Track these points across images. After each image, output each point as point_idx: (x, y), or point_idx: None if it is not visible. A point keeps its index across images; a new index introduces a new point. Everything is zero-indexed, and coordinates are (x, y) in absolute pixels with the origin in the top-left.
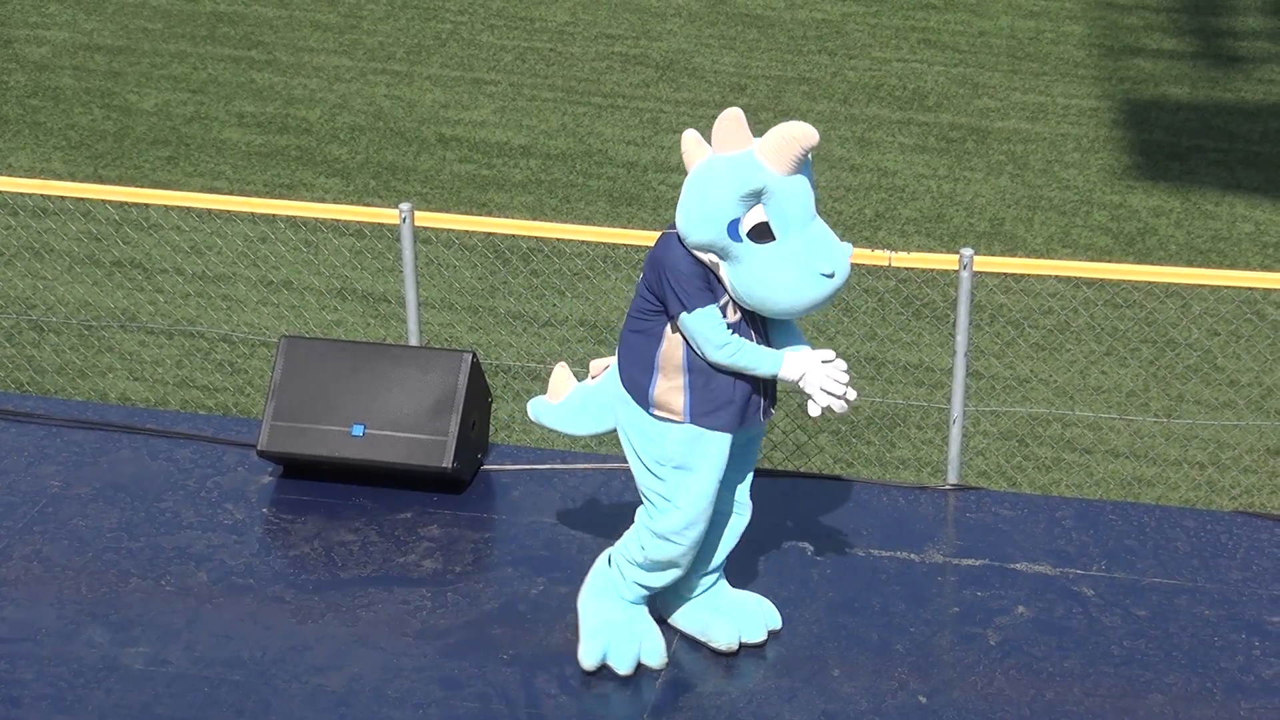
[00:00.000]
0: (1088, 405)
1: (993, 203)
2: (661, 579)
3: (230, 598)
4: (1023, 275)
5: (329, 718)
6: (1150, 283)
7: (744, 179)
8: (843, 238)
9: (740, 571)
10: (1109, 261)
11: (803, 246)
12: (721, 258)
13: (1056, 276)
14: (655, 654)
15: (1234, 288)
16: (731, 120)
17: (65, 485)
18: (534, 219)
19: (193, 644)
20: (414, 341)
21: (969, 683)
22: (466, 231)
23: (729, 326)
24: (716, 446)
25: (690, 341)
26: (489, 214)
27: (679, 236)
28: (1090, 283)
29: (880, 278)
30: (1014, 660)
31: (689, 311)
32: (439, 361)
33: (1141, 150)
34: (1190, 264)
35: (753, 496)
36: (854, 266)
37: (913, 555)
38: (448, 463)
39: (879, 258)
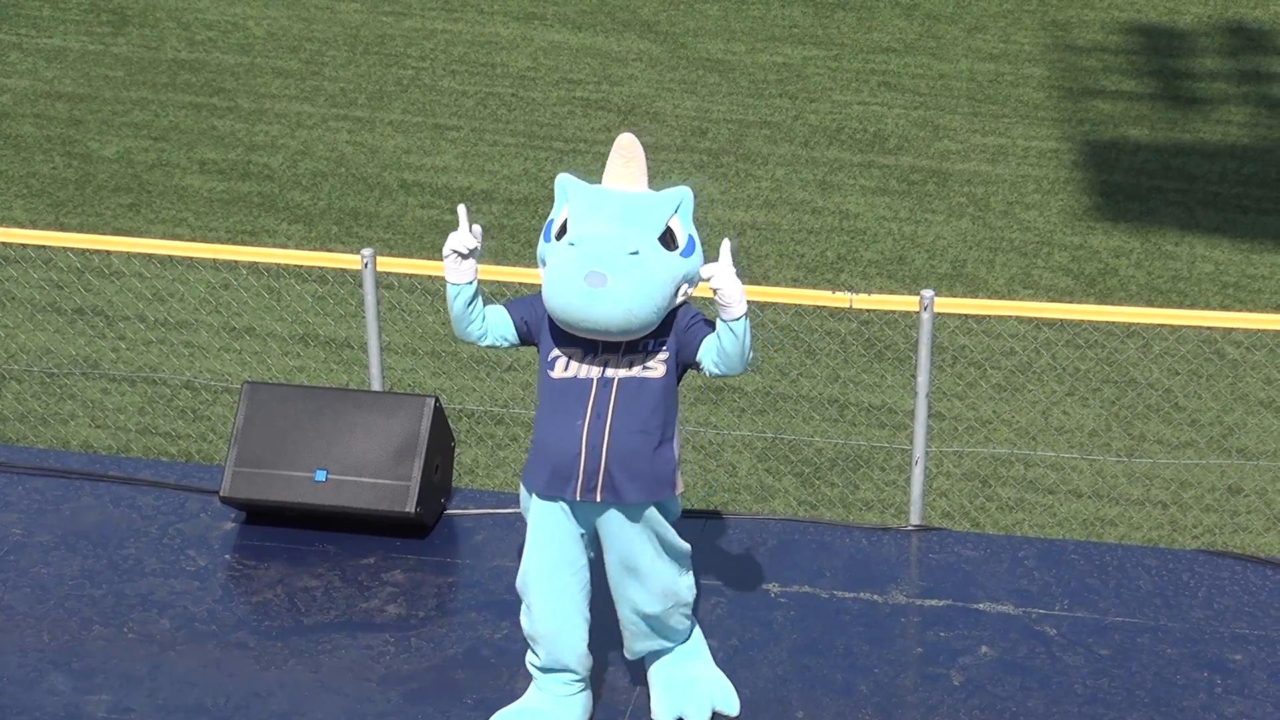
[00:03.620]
0: (1050, 445)
1: (954, 244)
2: (537, 650)
3: (193, 644)
4: (984, 316)
5: None
6: (1111, 323)
7: (558, 180)
8: (804, 280)
9: (703, 616)
10: (1070, 302)
11: (574, 251)
12: (543, 268)
13: (1018, 317)
14: None
15: (1194, 327)
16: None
17: (27, 533)
18: (496, 264)
19: (155, 691)
20: (376, 387)
21: None
22: (429, 276)
23: (554, 383)
24: (535, 508)
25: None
26: None
27: None
28: (1051, 323)
29: (842, 320)
30: (978, 700)
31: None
32: (402, 406)
33: (1102, 191)
34: (1150, 304)
35: (710, 538)
36: (816, 309)
37: (876, 596)
38: (411, 508)
39: (840, 300)
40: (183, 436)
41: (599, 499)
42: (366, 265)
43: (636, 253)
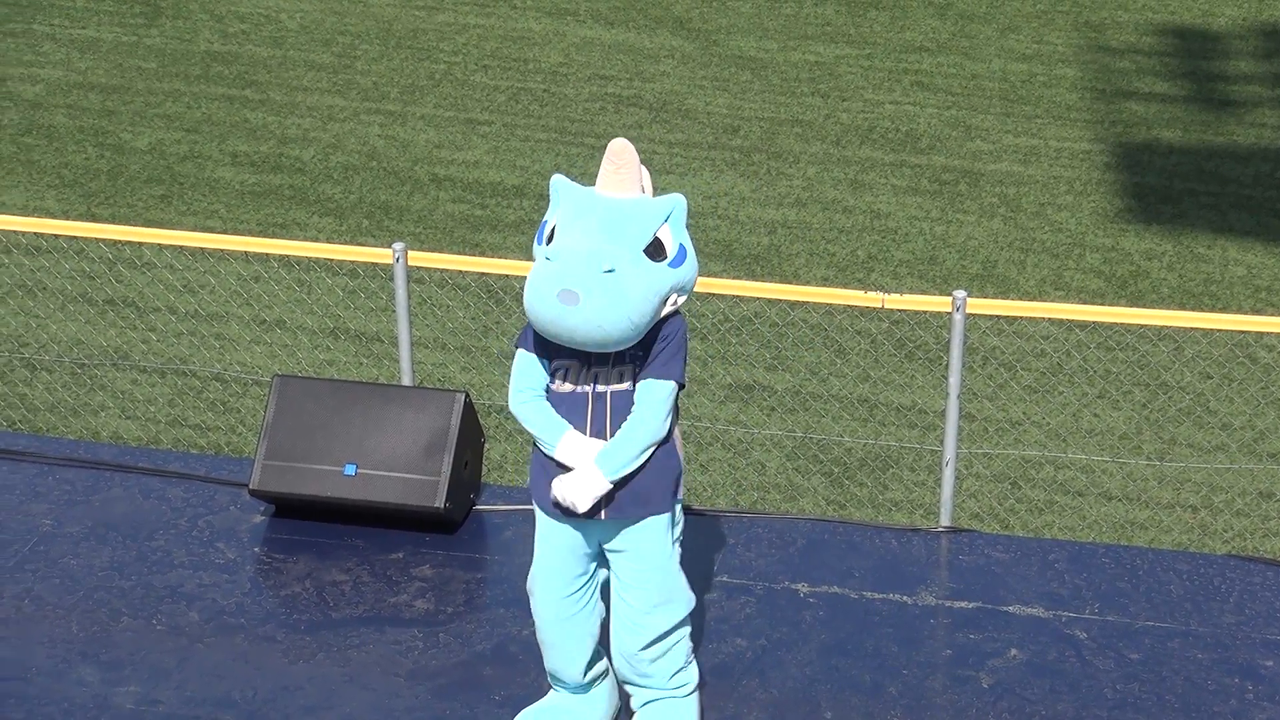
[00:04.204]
0: (1080, 448)
1: (985, 245)
2: (546, 658)
3: (221, 637)
4: (1015, 318)
5: None
6: (1143, 325)
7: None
8: (835, 279)
9: (732, 615)
10: (1101, 304)
11: (539, 272)
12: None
13: (1049, 319)
14: None
15: (1226, 331)
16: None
17: (57, 524)
18: (527, 260)
19: (184, 684)
20: (406, 381)
21: None
22: (459, 271)
23: (555, 397)
24: (539, 519)
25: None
26: (482, 254)
27: None
28: (1083, 325)
29: (873, 319)
30: (1007, 703)
31: (517, 348)
32: (432, 401)
33: (1134, 193)
34: (1182, 307)
35: (739, 537)
36: (847, 308)
37: (905, 598)
38: (440, 503)
39: (872, 299)
40: (212, 429)
41: (604, 517)
42: (398, 259)
43: (611, 270)
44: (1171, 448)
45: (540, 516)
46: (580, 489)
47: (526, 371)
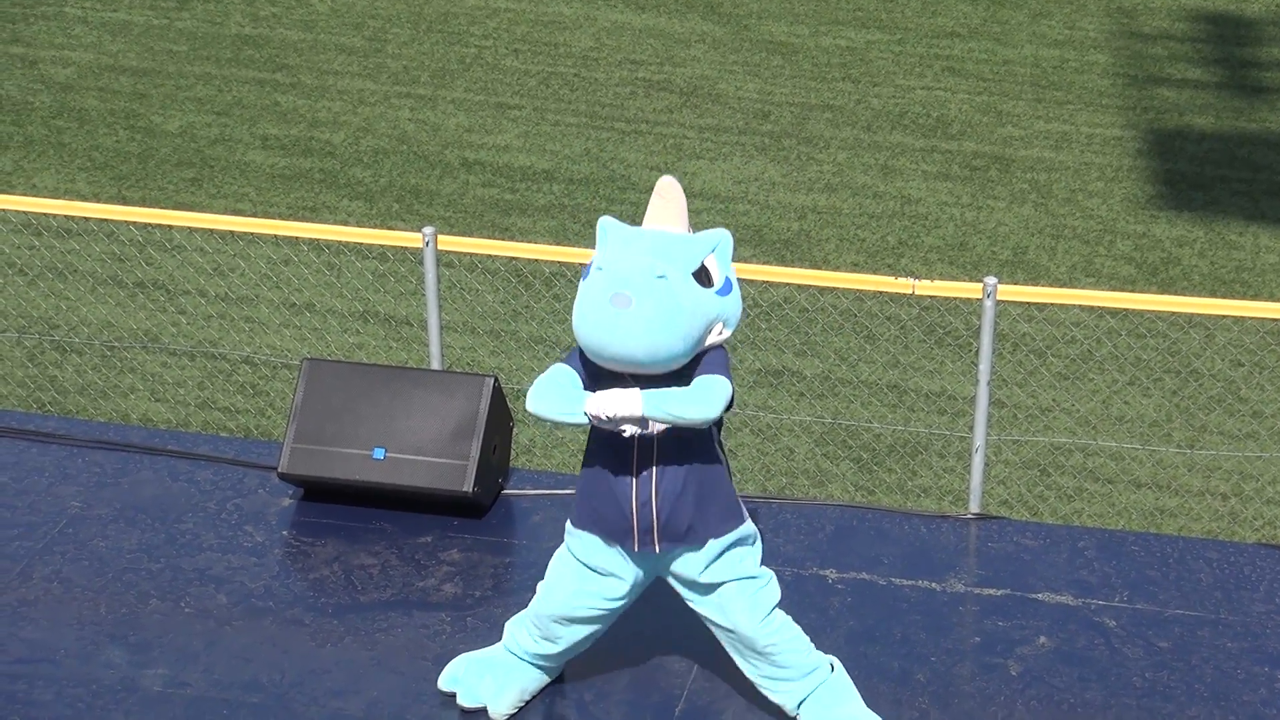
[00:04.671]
0: (1110, 435)
1: (1016, 231)
2: (533, 635)
3: (249, 620)
4: (1046, 304)
5: None
6: (1174, 313)
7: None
8: (865, 265)
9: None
10: (1132, 291)
11: (590, 283)
12: None
13: (1080, 306)
14: (500, 702)
15: (1258, 318)
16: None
17: (86, 506)
18: (557, 244)
19: (211, 666)
20: (435, 365)
21: (990, 713)
22: (489, 255)
23: (600, 431)
24: (573, 540)
25: None
26: (512, 238)
27: None
28: (1114, 312)
29: (903, 305)
30: (1035, 691)
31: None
32: (461, 385)
33: (1165, 180)
34: (1214, 294)
35: (767, 523)
36: (877, 294)
37: (934, 584)
38: (468, 487)
39: (902, 285)
40: (241, 411)
41: (658, 550)
42: (428, 243)
43: (663, 276)
44: (1202, 435)
45: (574, 535)
46: (614, 398)
47: (557, 373)
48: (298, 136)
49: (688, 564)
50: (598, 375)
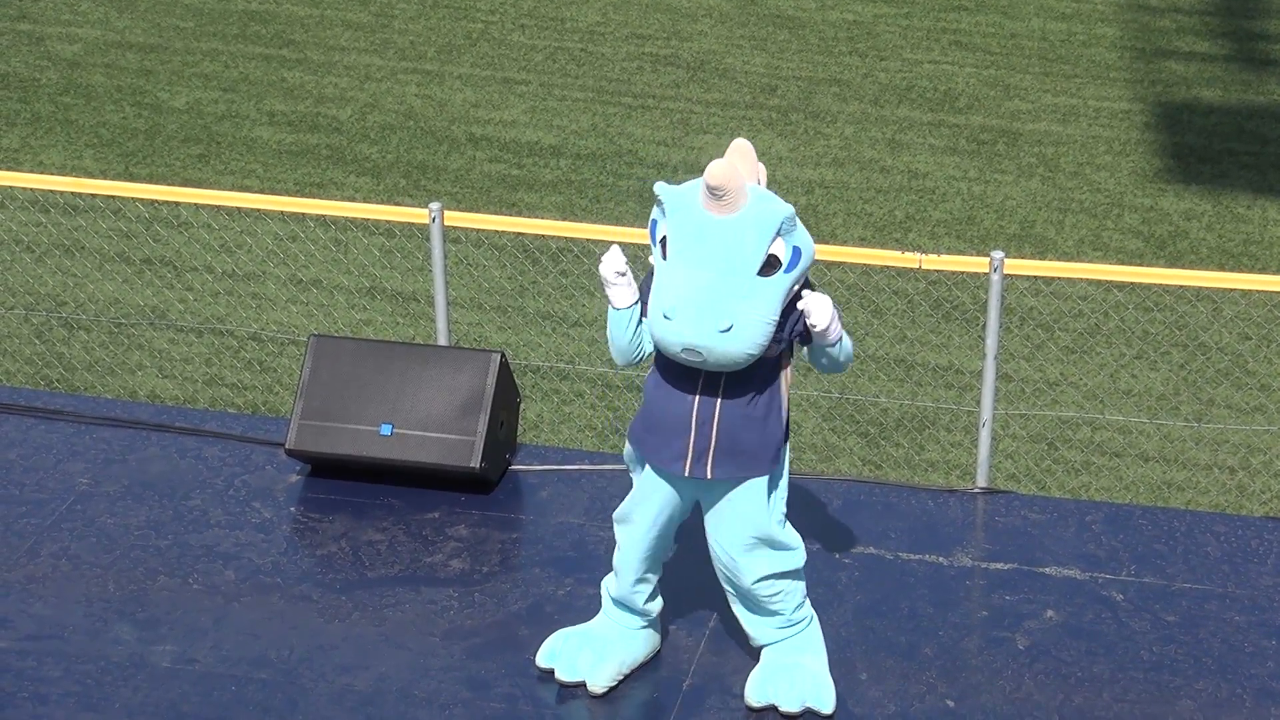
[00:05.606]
0: (1118, 409)
1: (1023, 205)
2: (618, 581)
3: (257, 596)
4: (1053, 278)
5: (355, 717)
6: (1181, 286)
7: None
8: (872, 239)
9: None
10: (1140, 265)
11: (664, 277)
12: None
13: (1087, 279)
14: (599, 675)
15: (1265, 291)
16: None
17: (94, 483)
18: (564, 219)
19: (220, 642)
20: (443, 341)
21: (997, 687)
22: (496, 231)
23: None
24: (640, 470)
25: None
26: (519, 214)
27: None
28: (1121, 286)
29: (910, 280)
30: (1042, 665)
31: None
32: (468, 361)
33: (1173, 153)
34: (1221, 268)
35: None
36: (884, 268)
37: (941, 559)
38: (476, 463)
39: (909, 260)
40: (249, 388)
41: (709, 476)
42: (434, 219)
43: (729, 330)
44: (1209, 409)
45: (647, 470)
46: (822, 301)
47: (617, 319)
48: (305, 112)
49: (726, 496)
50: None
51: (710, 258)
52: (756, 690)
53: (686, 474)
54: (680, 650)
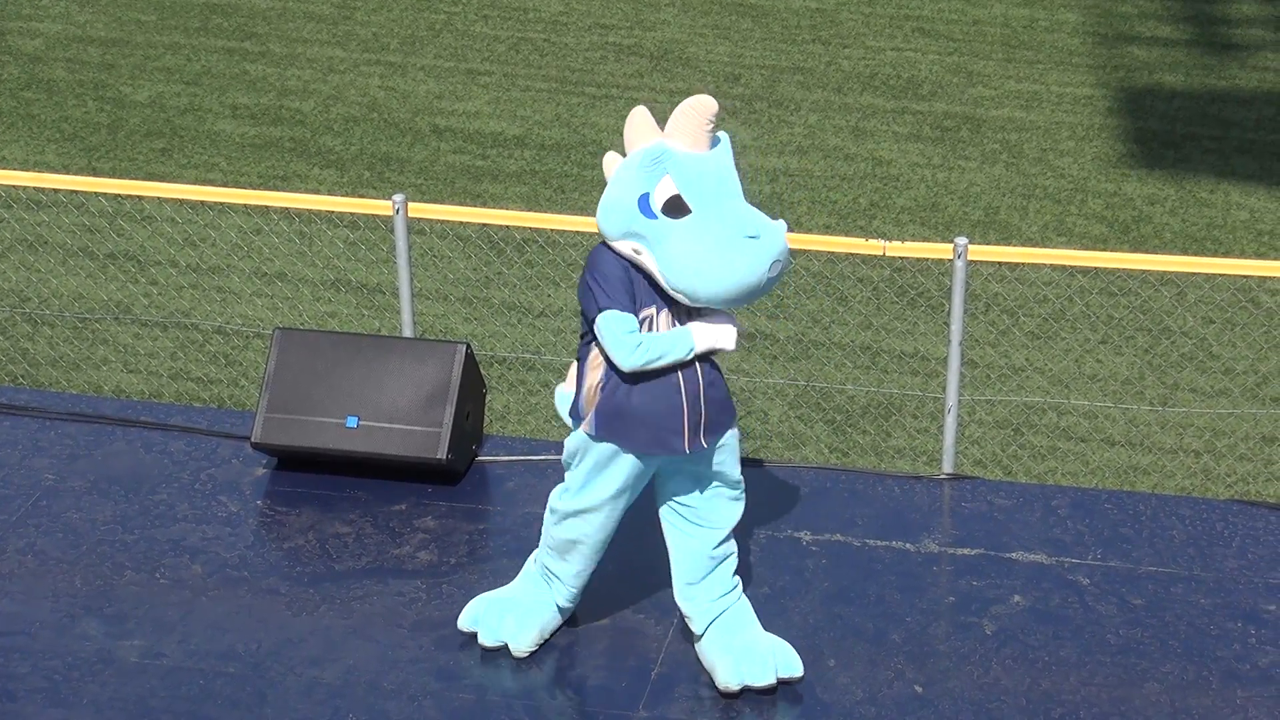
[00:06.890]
0: (1083, 394)
1: (987, 191)
2: (562, 567)
3: (225, 590)
4: (1017, 264)
5: (324, 710)
6: (1145, 271)
7: (645, 150)
8: (837, 226)
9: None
10: (1104, 250)
11: (720, 218)
12: (646, 245)
13: (1051, 265)
14: (522, 639)
15: (1229, 276)
16: (635, 119)
17: (59, 478)
18: (529, 210)
19: (187, 637)
20: (408, 333)
21: (965, 672)
22: (461, 222)
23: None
24: (619, 466)
25: (603, 350)
26: (483, 205)
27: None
28: (1085, 271)
29: (875, 267)
30: (1010, 650)
31: (603, 311)
32: (433, 353)
33: (1136, 138)
34: (1185, 252)
35: (745, 487)
36: (849, 256)
37: (908, 545)
38: (442, 454)
39: (873, 247)
40: (214, 382)
41: (705, 445)
42: (398, 211)
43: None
44: (1174, 393)
45: (621, 460)
46: (726, 329)
47: (628, 323)
48: (267, 105)
49: (708, 457)
50: (642, 294)
51: (734, 186)
52: (730, 675)
53: (687, 450)
54: (649, 639)
